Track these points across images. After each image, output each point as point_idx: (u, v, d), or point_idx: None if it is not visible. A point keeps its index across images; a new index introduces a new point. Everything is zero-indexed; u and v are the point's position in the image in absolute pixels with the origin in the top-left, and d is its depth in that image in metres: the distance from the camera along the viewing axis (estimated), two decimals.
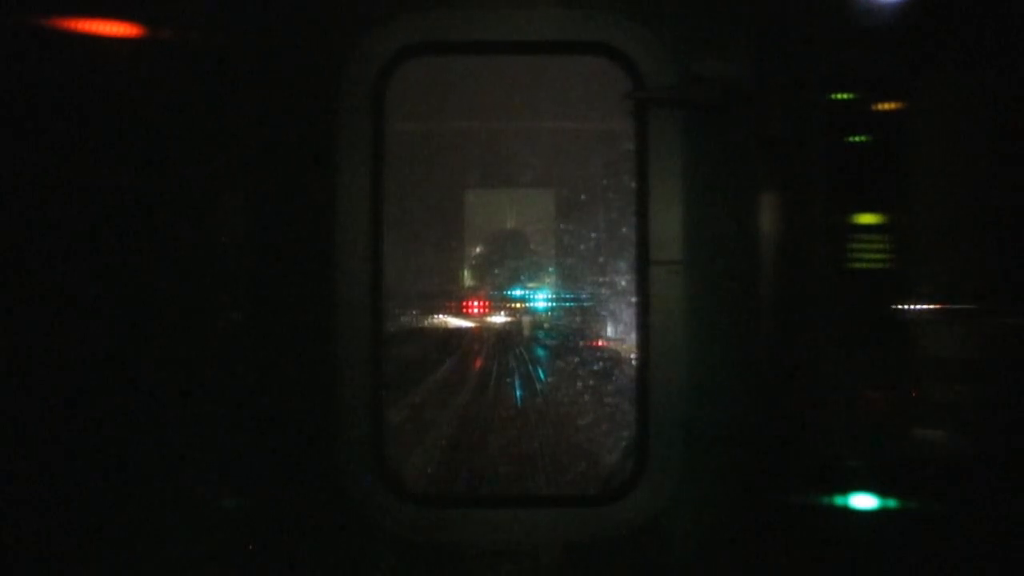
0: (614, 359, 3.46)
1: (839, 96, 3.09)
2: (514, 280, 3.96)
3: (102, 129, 2.81)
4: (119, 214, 2.86)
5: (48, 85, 2.73)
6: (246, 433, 2.91)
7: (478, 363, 3.93)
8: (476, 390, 3.85)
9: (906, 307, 3.05)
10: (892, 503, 3.01)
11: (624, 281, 3.28)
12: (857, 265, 3.04)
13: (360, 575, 2.97)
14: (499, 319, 3.93)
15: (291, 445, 2.92)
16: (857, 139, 3.07)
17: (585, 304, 3.61)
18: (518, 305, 3.92)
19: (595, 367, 3.59)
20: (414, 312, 3.74)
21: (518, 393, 3.84)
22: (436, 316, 3.85)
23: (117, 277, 2.86)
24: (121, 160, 2.87)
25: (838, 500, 2.99)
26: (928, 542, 2.91)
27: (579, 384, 3.71)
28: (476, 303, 3.92)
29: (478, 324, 3.93)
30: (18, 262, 2.63)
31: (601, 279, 3.48)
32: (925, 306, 3.05)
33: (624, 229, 3.14)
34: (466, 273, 3.94)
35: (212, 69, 2.98)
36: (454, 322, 3.92)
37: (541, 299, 3.90)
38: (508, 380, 3.86)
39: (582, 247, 3.59)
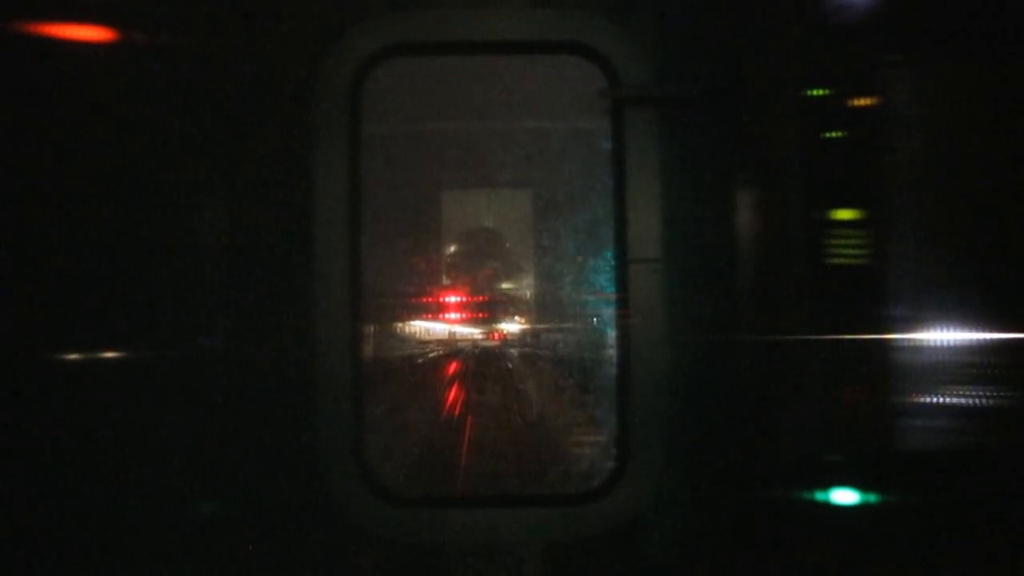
0: (593, 355, 3.45)
1: (815, 91, 3.11)
2: (492, 279, 3.96)
3: (74, 132, 2.80)
4: (95, 217, 2.84)
5: (23, 88, 2.72)
6: (225, 436, 2.88)
7: (457, 362, 3.92)
8: (455, 389, 3.84)
9: (885, 302, 3.06)
10: (874, 498, 3.02)
11: (603, 280, 3.28)
12: (836, 261, 3.05)
13: None
14: (477, 317, 3.93)
15: (271, 448, 2.90)
16: (834, 134, 3.09)
17: (561, 300, 3.61)
18: (496, 301, 3.93)
19: (574, 364, 3.58)
20: (391, 312, 3.72)
21: (498, 391, 3.83)
22: (413, 316, 3.84)
23: (94, 278, 2.83)
24: (95, 164, 2.85)
25: (820, 496, 3.00)
26: (910, 537, 2.92)
27: (559, 382, 3.71)
28: (453, 302, 3.92)
29: (456, 323, 3.92)
30: None
31: (579, 278, 3.48)
32: (904, 301, 3.06)
33: (602, 228, 3.13)
34: (444, 273, 3.93)
35: (185, 71, 2.96)
36: (432, 321, 3.91)
37: (518, 296, 3.91)
38: (487, 379, 3.85)
39: (560, 246, 3.58)
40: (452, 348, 3.95)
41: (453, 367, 3.93)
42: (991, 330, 2.99)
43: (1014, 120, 2.95)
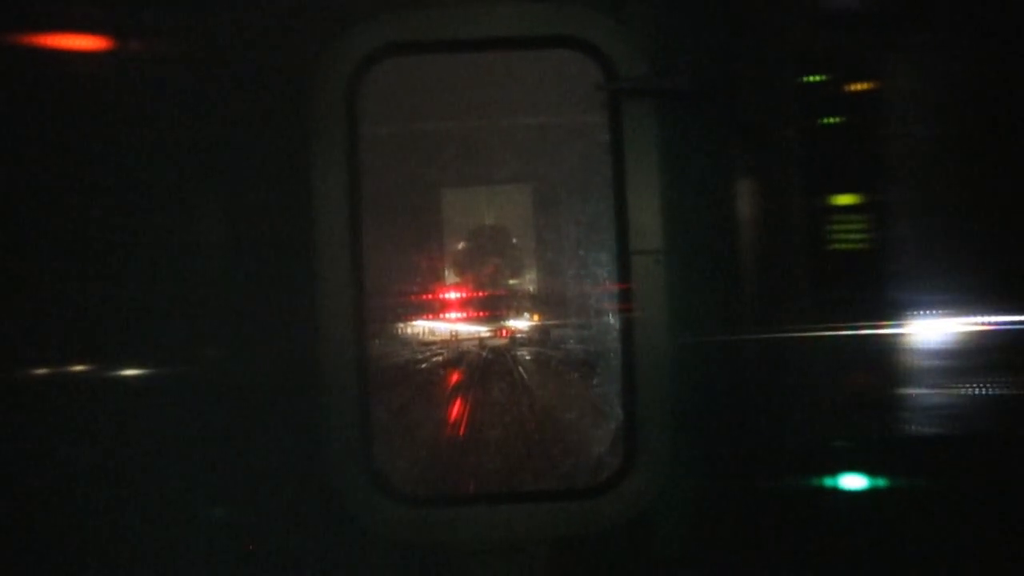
0: (599, 348, 3.45)
1: (812, 79, 3.10)
2: (497, 276, 3.96)
3: (75, 136, 2.81)
4: (99, 219, 2.85)
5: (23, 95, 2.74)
6: (232, 439, 2.89)
7: (463, 359, 3.93)
8: (463, 387, 3.84)
9: (886, 288, 3.05)
10: (881, 485, 3.02)
11: (607, 272, 3.28)
12: (837, 247, 3.05)
13: None
14: (482, 315, 3.94)
15: (279, 447, 2.90)
16: (832, 121, 3.08)
17: (566, 294, 3.61)
18: (501, 298, 3.94)
19: (580, 358, 3.58)
20: (396, 312, 3.73)
21: (503, 387, 3.83)
22: (418, 315, 3.84)
23: (99, 278, 2.85)
24: (98, 167, 2.86)
25: (828, 485, 2.99)
26: (919, 522, 2.92)
27: (565, 377, 3.71)
28: (459, 300, 3.92)
29: (462, 321, 3.93)
30: None
31: (583, 271, 3.48)
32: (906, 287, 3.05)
33: (604, 220, 3.13)
34: (449, 271, 3.93)
35: (184, 73, 2.97)
36: (437, 320, 3.91)
37: (523, 292, 3.92)
38: (494, 375, 3.86)
39: (563, 240, 3.58)
40: (458, 346, 3.96)
41: (460, 364, 3.93)
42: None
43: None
